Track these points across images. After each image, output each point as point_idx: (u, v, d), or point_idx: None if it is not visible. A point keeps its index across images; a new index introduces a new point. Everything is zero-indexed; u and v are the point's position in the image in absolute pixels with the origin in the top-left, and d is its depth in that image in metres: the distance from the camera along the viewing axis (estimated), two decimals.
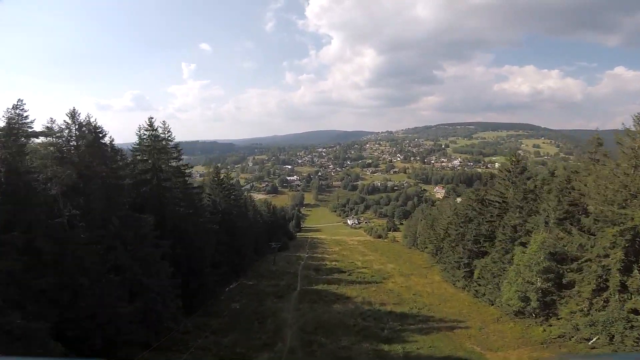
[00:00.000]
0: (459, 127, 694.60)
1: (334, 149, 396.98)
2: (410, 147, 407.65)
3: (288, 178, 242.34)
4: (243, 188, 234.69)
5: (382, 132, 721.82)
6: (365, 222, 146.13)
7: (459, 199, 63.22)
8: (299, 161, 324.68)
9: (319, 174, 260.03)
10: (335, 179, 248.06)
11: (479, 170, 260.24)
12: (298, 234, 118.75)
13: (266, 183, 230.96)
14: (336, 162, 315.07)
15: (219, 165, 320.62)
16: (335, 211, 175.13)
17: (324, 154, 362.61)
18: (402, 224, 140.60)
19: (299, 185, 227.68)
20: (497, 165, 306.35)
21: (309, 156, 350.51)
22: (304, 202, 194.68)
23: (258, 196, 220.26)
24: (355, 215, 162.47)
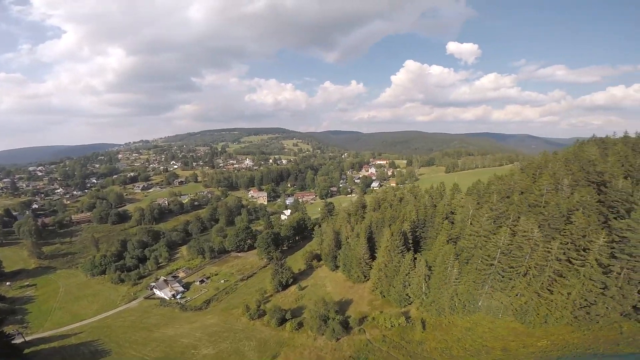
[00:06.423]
0: (224, 132, 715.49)
1: (61, 165, 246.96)
2: (184, 153, 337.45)
3: None
4: None
5: (135, 142, 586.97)
6: (202, 290, 66.91)
7: None
8: None
9: (34, 206, 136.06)
10: (73, 210, 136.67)
11: (286, 166, 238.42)
12: None
13: None
14: (69, 182, 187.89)
15: None
16: (101, 274, 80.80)
17: (40, 173, 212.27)
18: (331, 263, 73.01)
19: None
20: (284, 161, 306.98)
21: (8, 179, 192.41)
22: (4, 270, 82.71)
23: None
24: (158, 269, 79.31)
